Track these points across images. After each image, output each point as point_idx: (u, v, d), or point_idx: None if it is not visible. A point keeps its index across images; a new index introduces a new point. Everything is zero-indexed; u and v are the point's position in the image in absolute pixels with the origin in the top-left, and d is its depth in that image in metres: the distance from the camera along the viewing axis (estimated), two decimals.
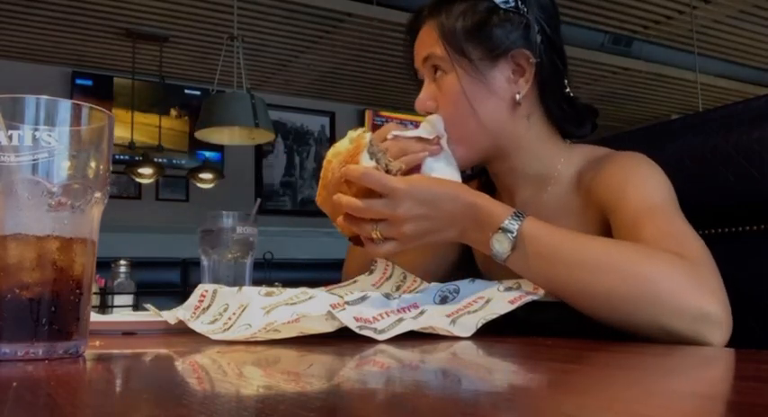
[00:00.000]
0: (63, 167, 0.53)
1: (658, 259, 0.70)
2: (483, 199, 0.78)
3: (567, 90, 0.93)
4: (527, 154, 0.94)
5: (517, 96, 0.90)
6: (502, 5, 0.89)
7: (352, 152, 0.78)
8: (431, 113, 0.93)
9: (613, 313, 0.70)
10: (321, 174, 0.83)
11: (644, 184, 0.83)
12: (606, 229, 0.84)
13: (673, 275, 0.68)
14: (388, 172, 0.79)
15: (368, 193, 0.77)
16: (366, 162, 0.78)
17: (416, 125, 0.92)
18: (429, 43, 0.93)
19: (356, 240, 0.83)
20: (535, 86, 0.92)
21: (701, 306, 0.66)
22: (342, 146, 0.80)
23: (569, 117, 0.94)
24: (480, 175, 1.08)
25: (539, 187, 0.94)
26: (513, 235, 0.74)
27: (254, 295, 0.77)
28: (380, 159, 0.79)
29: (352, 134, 0.80)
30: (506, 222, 0.74)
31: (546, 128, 0.94)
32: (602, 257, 0.71)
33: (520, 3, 0.89)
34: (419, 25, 0.96)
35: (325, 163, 0.82)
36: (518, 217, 0.75)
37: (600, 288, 0.70)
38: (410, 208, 0.76)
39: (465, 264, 1.08)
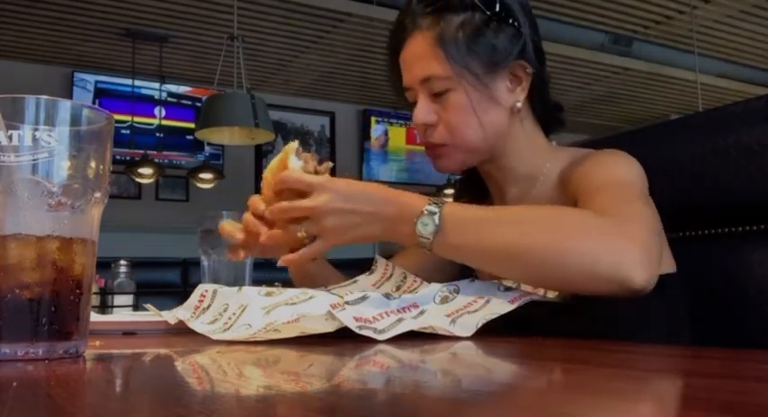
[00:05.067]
0: (63, 167, 0.53)
1: (581, 212, 0.76)
2: (402, 193, 0.80)
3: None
4: (519, 154, 0.96)
5: (518, 104, 0.92)
6: (494, 14, 0.88)
7: (282, 158, 0.81)
8: (431, 126, 0.92)
9: (539, 267, 0.73)
10: (262, 192, 0.85)
11: (610, 167, 0.86)
12: None
13: (591, 222, 0.73)
14: (317, 173, 0.81)
15: (297, 197, 0.79)
16: (294, 163, 0.80)
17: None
18: (424, 61, 0.90)
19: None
20: (526, 92, 0.94)
21: (617, 243, 0.70)
22: (274, 162, 0.83)
23: (550, 116, 0.98)
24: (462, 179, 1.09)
25: (528, 185, 0.97)
26: (437, 214, 0.75)
27: (254, 295, 0.77)
28: (308, 160, 0.82)
29: (285, 148, 0.83)
30: (427, 206, 0.76)
31: (534, 129, 0.97)
32: (524, 215, 0.77)
33: (510, 11, 0.89)
34: (404, 39, 0.92)
35: (263, 182, 0.84)
36: (438, 203, 0.77)
37: (525, 244, 0.73)
38: (329, 200, 0.77)
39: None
